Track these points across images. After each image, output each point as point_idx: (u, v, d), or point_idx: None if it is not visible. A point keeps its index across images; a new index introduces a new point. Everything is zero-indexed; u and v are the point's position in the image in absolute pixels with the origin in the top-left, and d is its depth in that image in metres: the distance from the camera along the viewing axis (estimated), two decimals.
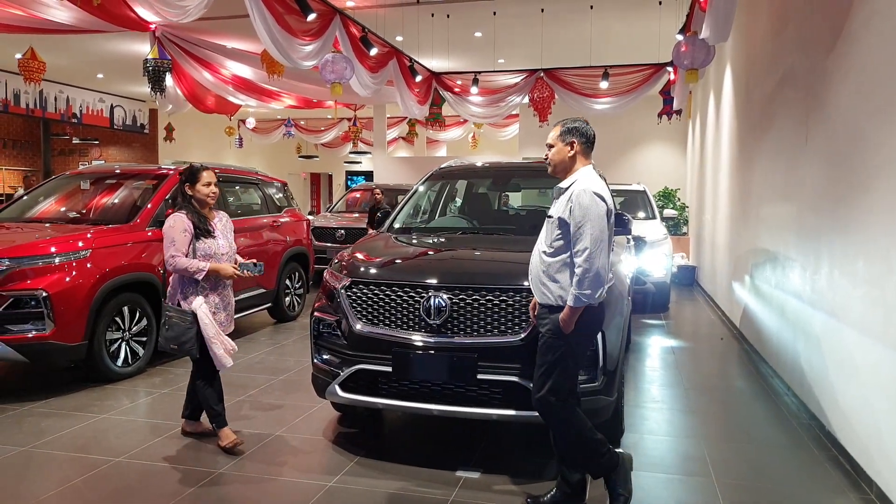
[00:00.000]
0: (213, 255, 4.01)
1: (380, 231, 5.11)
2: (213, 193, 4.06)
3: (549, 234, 3.22)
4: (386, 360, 3.70)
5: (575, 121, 3.36)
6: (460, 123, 20.23)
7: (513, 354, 3.56)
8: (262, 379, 5.66)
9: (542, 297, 3.23)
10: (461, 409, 3.65)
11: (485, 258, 4.25)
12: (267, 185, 8.26)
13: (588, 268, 3.04)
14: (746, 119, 7.45)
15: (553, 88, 11.66)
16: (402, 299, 3.75)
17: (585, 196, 3.09)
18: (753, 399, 5.36)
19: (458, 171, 6.00)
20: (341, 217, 11.95)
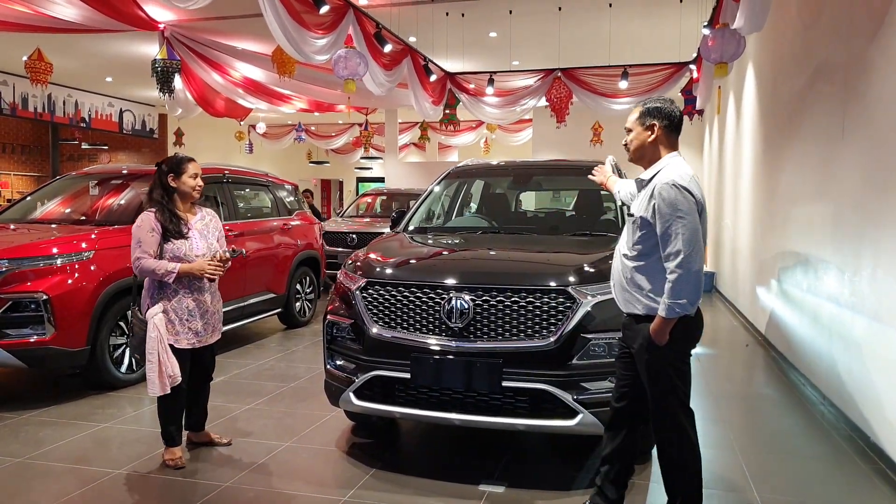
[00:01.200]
0: (184, 259, 3.74)
1: (395, 231, 4.95)
2: (199, 187, 3.84)
3: (630, 236, 2.96)
4: (404, 366, 3.59)
5: (657, 100, 3.01)
6: (472, 128, 20.11)
7: (542, 360, 3.43)
8: (271, 386, 5.54)
9: (628, 305, 2.98)
10: (485, 419, 3.52)
11: (509, 257, 4.14)
12: (277, 188, 8.14)
13: (683, 273, 2.74)
14: (773, 116, 7.24)
15: (571, 88, 11.50)
16: (422, 301, 3.64)
17: (669, 190, 2.77)
18: (786, 408, 5.21)
19: (475, 171, 5.91)
20: (353, 222, 11.82)
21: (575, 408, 3.38)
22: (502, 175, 5.95)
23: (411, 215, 5.15)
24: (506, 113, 12.63)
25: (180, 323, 3.75)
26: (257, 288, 7.12)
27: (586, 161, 5.86)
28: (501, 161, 6.26)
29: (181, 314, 3.76)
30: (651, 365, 2.90)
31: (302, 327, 8.05)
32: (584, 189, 5.56)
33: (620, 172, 5.12)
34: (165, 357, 3.64)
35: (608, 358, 3.46)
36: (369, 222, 11.76)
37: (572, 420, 3.39)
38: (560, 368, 3.40)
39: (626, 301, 2.98)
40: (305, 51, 7.76)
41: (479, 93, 12.50)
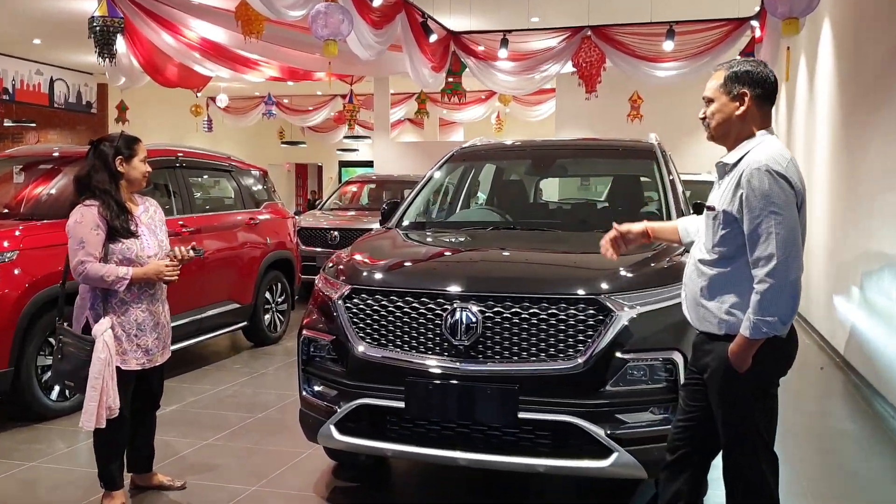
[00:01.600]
0: (136, 260, 3.74)
1: (386, 227, 4.96)
2: (147, 173, 3.86)
3: (709, 235, 2.89)
4: (397, 392, 3.58)
5: (747, 62, 2.93)
6: (481, 100, 20.13)
7: (567, 386, 3.42)
8: (234, 418, 5.53)
9: (702, 322, 2.92)
10: (497, 459, 3.51)
11: (526, 259, 4.14)
12: (242, 174, 8.15)
13: (775, 283, 2.66)
14: (854, 83, 7.22)
15: (603, 51, 11.47)
16: (419, 313, 3.63)
17: (761, 178, 2.69)
18: (871, 447, 5.17)
19: (485, 152, 5.91)
20: (334, 216, 11.83)
21: (608, 445, 3.36)
22: (518, 158, 5.95)
23: (406, 207, 5.16)
24: (523, 81, 12.58)
25: (128, 339, 3.75)
26: (217, 297, 7.11)
27: (623, 140, 5.86)
28: (517, 141, 6.25)
29: (129, 329, 3.75)
30: (726, 396, 2.85)
31: (272, 345, 8.04)
32: (619, 175, 5.56)
33: (665, 156, 5.12)
34: (111, 383, 3.63)
35: (650, 384, 3.44)
36: (355, 216, 11.75)
37: (605, 460, 3.37)
38: (590, 396, 3.38)
39: (700, 318, 2.93)
40: (276, 5, 7.76)
41: (490, 56, 12.47)
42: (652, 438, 3.40)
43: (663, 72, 11.62)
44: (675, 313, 3.52)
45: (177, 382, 6.42)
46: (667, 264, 3.82)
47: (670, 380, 3.45)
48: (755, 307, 2.69)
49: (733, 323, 2.79)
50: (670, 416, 3.45)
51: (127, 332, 3.74)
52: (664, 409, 3.47)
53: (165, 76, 12.68)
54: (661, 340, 3.48)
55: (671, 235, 3.39)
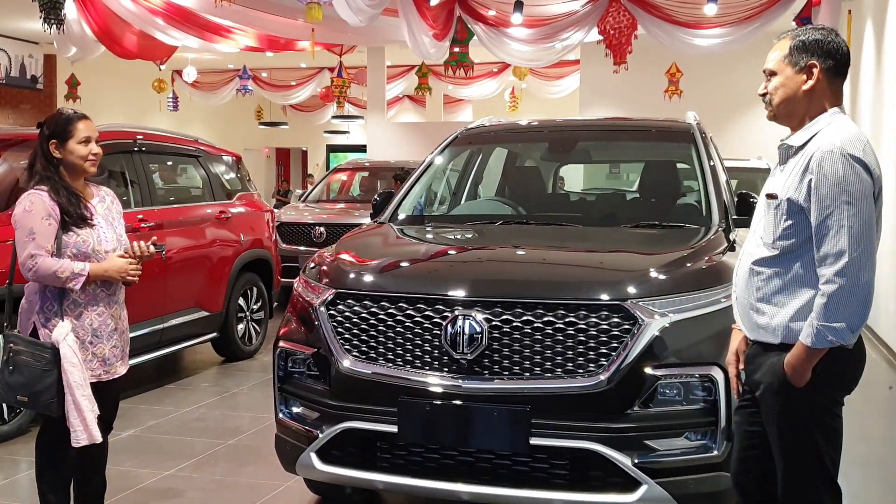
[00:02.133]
0: (92, 255, 3.74)
1: (378, 221, 4.98)
2: (92, 156, 3.80)
3: (769, 227, 2.89)
4: (389, 415, 3.59)
5: (816, 29, 2.94)
6: (493, 74, 20.14)
7: (588, 408, 3.43)
8: (201, 444, 5.55)
9: (756, 330, 2.92)
10: (505, 492, 3.51)
11: (541, 259, 4.15)
12: (211, 160, 8.16)
13: (846, 285, 2.67)
14: None
15: (634, 15, 11.44)
16: (414, 321, 3.64)
17: (835, 162, 2.70)
18: None
19: (495, 134, 5.92)
20: (320, 209, 11.84)
21: (636, 476, 3.36)
22: (533, 140, 5.98)
23: (401, 199, 5.17)
24: (540, 52, 12.55)
25: (82, 348, 3.74)
26: (181, 303, 7.11)
27: (656, 120, 5.86)
28: (532, 120, 6.25)
29: (83, 336, 3.74)
30: (782, 416, 2.85)
31: (247, 359, 8.05)
32: (652, 161, 5.55)
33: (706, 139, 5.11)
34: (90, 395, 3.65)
35: (685, 405, 3.46)
36: (344, 209, 11.76)
37: (632, 494, 3.37)
38: (614, 420, 3.39)
39: (754, 325, 2.93)
40: None
41: (502, 22, 12.45)
42: (687, 469, 3.42)
43: (704, 40, 11.61)
44: (715, 322, 3.56)
45: (134, 403, 6.42)
46: (705, 264, 3.84)
47: (709, 400, 3.46)
48: (820, 311, 2.69)
49: (793, 330, 2.80)
50: (709, 442, 3.48)
51: (81, 340, 3.73)
52: (702, 435, 3.47)
53: (123, 46, 12.72)
54: (698, 354, 3.50)
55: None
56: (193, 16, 12.07)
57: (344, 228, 10.30)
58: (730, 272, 3.80)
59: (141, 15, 11.57)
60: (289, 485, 4.70)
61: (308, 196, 12.96)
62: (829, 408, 2.85)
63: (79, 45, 12.48)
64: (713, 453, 3.47)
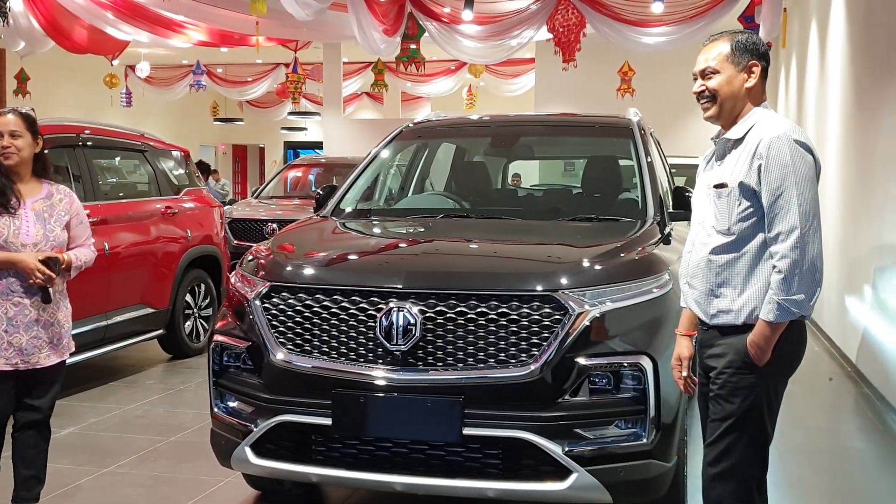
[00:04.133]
0: (6, 246, 3.86)
1: (320, 215, 4.98)
2: (3, 148, 3.92)
3: (722, 214, 3.04)
4: (323, 407, 3.60)
5: (749, 33, 3.16)
6: (450, 72, 20.19)
7: (520, 397, 3.46)
8: (143, 441, 5.51)
9: (715, 314, 3.07)
10: (439, 483, 3.54)
11: (476, 252, 4.19)
12: (159, 155, 8.09)
13: (798, 259, 2.86)
14: (867, 52, 7.32)
15: (583, 13, 11.51)
16: (349, 314, 3.65)
17: (782, 147, 2.91)
18: (884, 467, 5.26)
19: (441, 129, 5.95)
20: (275, 205, 11.78)
21: (566, 464, 3.39)
22: (478, 135, 5.99)
23: (343, 192, 5.17)
24: (492, 49, 12.61)
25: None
26: (126, 300, 7.04)
27: (599, 116, 5.90)
28: (482, 116, 6.27)
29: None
30: (742, 393, 2.98)
31: (194, 357, 7.98)
32: (594, 156, 5.60)
33: (645, 135, 5.16)
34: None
35: (615, 394, 3.49)
36: (299, 205, 11.69)
37: (563, 482, 3.40)
38: (545, 409, 3.42)
39: (714, 310, 3.07)
40: None
41: (454, 19, 12.47)
42: (618, 456, 3.46)
43: (651, 38, 11.73)
44: (646, 312, 3.63)
45: (76, 401, 6.37)
46: (637, 256, 3.89)
47: (638, 388, 3.50)
48: (778, 286, 2.88)
49: (755, 311, 2.96)
50: (639, 430, 3.51)
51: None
52: (631, 423, 3.51)
53: (73, 40, 12.57)
54: (628, 343, 3.55)
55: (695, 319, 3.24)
56: (144, 10, 11.96)
57: None
58: (661, 263, 3.88)
59: (89, 9, 11.43)
60: (229, 480, 4.68)
61: (261, 192, 12.89)
62: (778, 385, 3.06)
63: (27, 39, 12.29)
64: (642, 441, 3.51)
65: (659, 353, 3.53)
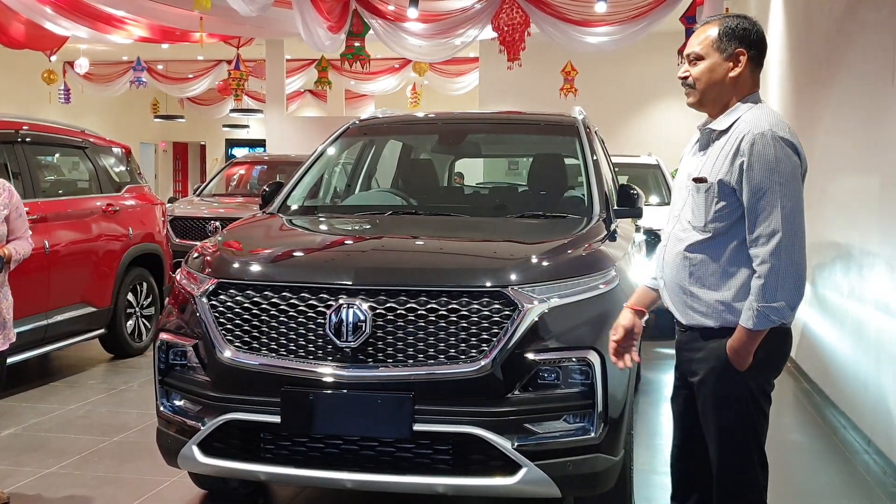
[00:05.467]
0: None
1: (267, 212, 4.94)
2: None
3: (699, 210, 2.91)
4: (272, 405, 3.58)
5: (742, 17, 2.96)
6: (395, 70, 20.16)
7: (469, 393, 3.47)
8: (86, 442, 5.45)
9: (690, 315, 2.96)
10: (389, 479, 3.55)
11: (426, 248, 4.19)
12: (99, 152, 8.00)
13: (780, 264, 2.71)
14: (805, 57, 7.48)
15: (527, 12, 11.58)
16: (298, 311, 3.63)
17: (766, 144, 2.76)
18: (820, 459, 5.38)
19: (388, 126, 5.97)
20: (217, 203, 11.68)
21: (516, 459, 3.41)
22: (424, 133, 6.02)
23: (290, 189, 5.15)
24: (437, 47, 12.62)
25: None
26: (66, 299, 6.94)
27: (544, 114, 5.95)
28: (427, 113, 6.28)
29: None
30: (724, 400, 2.90)
31: (137, 356, 7.92)
32: (539, 154, 5.64)
33: (590, 133, 5.21)
34: None
35: (563, 388, 3.52)
36: (242, 203, 11.61)
37: (512, 477, 3.43)
38: (495, 404, 3.43)
39: (688, 308, 2.96)
40: None
41: (399, 17, 12.48)
42: (566, 451, 3.49)
43: (594, 38, 11.83)
44: (593, 307, 3.66)
45: (16, 401, 6.27)
46: (584, 252, 3.92)
47: (586, 383, 3.53)
48: (758, 293, 2.74)
49: (731, 313, 2.85)
50: (587, 424, 3.55)
51: None
52: (580, 418, 3.55)
53: (10, 35, 12.33)
54: (576, 338, 3.58)
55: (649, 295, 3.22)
56: (84, 5, 11.74)
57: None
58: (608, 259, 3.92)
59: (28, 3, 11.19)
60: (174, 480, 4.65)
61: (203, 190, 12.76)
62: (765, 389, 2.93)
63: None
64: (591, 435, 3.54)
65: (606, 349, 3.51)
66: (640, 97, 15.73)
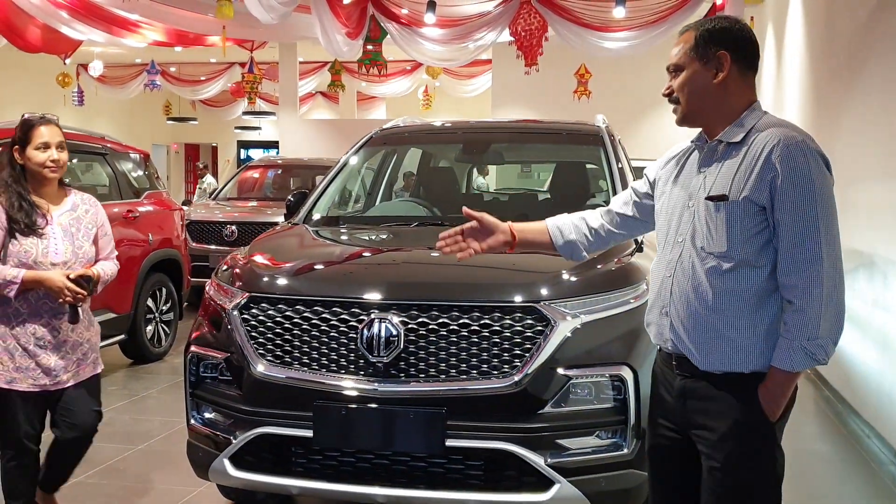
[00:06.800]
0: (35, 266, 3.69)
1: (292, 223, 4.94)
2: (52, 163, 3.75)
3: (719, 234, 2.51)
4: (304, 419, 3.57)
5: (722, 18, 2.66)
6: (407, 72, 20.16)
7: (501, 408, 3.46)
8: (109, 450, 5.43)
9: (710, 360, 2.53)
10: (421, 494, 3.53)
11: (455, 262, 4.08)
12: (119, 158, 8.02)
13: (820, 294, 2.36)
14: (826, 61, 7.45)
15: (545, 18, 11.59)
16: (330, 325, 3.63)
17: (807, 160, 2.40)
18: (844, 470, 5.35)
19: (410, 135, 5.94)
20: (232, 207, 11.70)
21: (548, 475, 3.40)
22: (447, 142, 6.00)
23: (315, 199, 5.15)
24: (454, 51, 12.63)
25: (22, 355, 3.71)
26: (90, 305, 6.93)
27: (567, 123, 5.94)
28: (446, 122, 6.28)
29: (24, 341, 3.72)
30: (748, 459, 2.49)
31: (156, 361, 7.94)
32: (563, 162, 5.63)
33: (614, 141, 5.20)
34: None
35: (595, 404, 3.51)
36: (256, 207, 11.64)
37: (546, 493, 3.41)
38: (527, 420, 3.43)
39: (710, 351, 2.53)
40: None
41: (415, 21, 12.50)
42: (599, 467, 3.47)
43: (613, 43, 11.82)
44: (624, 322, 3.65)
45: None
46: (615, 266, 3.90)
47: (619, 399, 3.52)
48: (798, 327, 2.38)
49: (767, 356, 2.46)
50: (619, 440, 3.54)
51: (22, 346, 3.71)
52: (612, 433, 3.53)
53: (27, 40, 12.36)
54: (608, 354, 3.56)
55: (538, 237, 3.08)
56: (99, 10, 11.78)
57: (256, 227, 10.24)
58: (638, 273, 3.90)
59: (44, 8, 11.23)
60: (202, 490, 4.64)
61: (219, 194, 12.79)
62: (780, 434, 2.58)
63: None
64: (623, 451, 3.52)
65: (639, 364, 3.54)
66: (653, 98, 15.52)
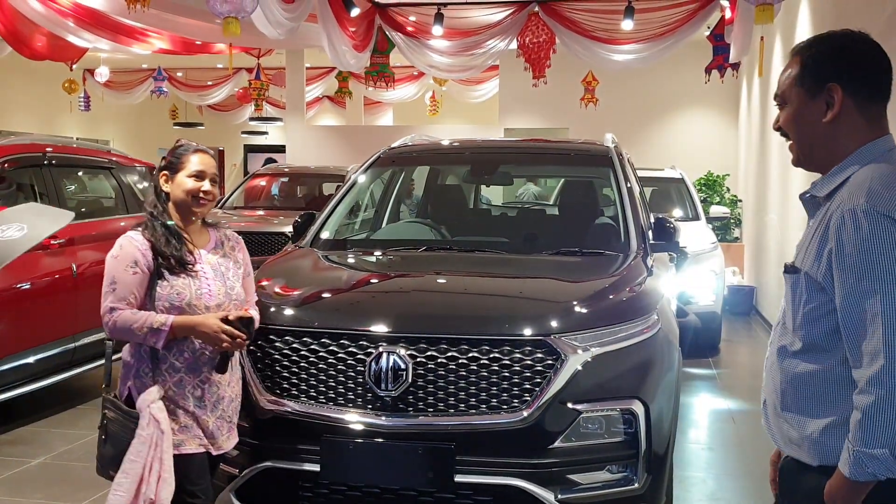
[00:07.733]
0: (188, 310, 3.24)
1: (299, 245, 4.91)
2: (204, 194, 3.32)
3: (790, 311, 2.23)
4: (311, 453, 3.57)
5: (838, 34, 2.20)
6: (413, 77, 20.09)
7: (511, 443, 3.45)
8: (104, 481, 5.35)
9: (784, 441, 2.26)
10: None
11: (465, 293, 4.16)
12: (125, 171, 7.98)
13: (881, 394, 1.96)
14: None
15: (553, 30, 11.56)
16: (337, 358, 3.61)
17: (862, 227, 1.99)
18: None
19: (418, 155, 5.93)
20: (239, 216, 11.65)
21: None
22: (455, 162, 5.99)
23: (323, 220, 5.11)
24: (461, 62, 12.59)
25: (186, 415, 3.27)
26: (95, 321, 6.67)
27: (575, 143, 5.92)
28: (454, 141, 6.26)
29: (184, 402, 3.26)
30: None
31: None
32: (571, 183, 5.61)
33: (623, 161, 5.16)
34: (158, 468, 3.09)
35: (606, 438, 3.50)
36: (263, 217, 11.59)
37: None
38: (537, 455, 3.42)
39: (782, 435, 2.26)
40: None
41: (423, 31, 12.48)
42: (609, 502, 3.47)
43: (621, 55, 11.79)
44: (635, 355, 3.64)
45: (44, 427, 6.24)
46: (626, 296, 3.88)
47: (630, 432, 3.52)
48: (855, 432, 2.02)
49: (829, 450, 2.13)
50: (630, 474, 3.54)
51: (183, 407, 3.26)
52: (623, 467, 3.53)
53: (33, 48, 12.33)
54: (619, 387, 3.55)
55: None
56: (105, 18, 11.75)
57: (265, 238, 10.17)
58: (650, 304, 3.88)
59: (50, 17, 11.20)
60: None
61: (225, 203, 12.74)
62: None
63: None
64: (634, 486, 3.52)
65: (650, 397, 3.55)
66: (662, 108, 15.64)
